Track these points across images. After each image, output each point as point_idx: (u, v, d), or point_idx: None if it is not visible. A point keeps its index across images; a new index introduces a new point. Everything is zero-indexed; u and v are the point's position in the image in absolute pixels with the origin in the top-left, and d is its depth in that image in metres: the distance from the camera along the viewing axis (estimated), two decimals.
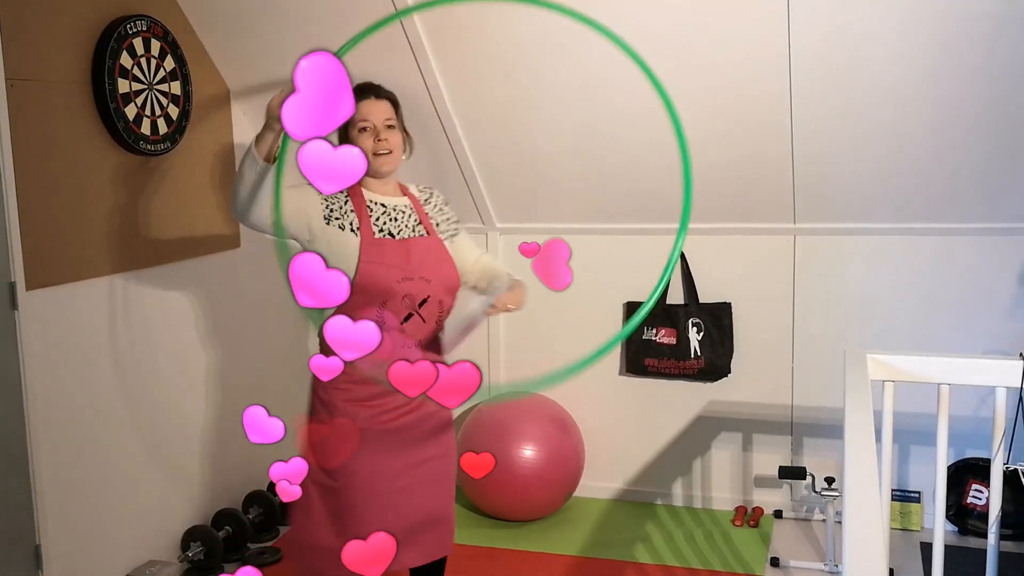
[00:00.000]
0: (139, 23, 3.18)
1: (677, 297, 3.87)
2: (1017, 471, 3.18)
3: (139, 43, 3.19)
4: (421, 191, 2.53)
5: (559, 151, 3.64)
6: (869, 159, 3.37)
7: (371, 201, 2.41)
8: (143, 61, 3.21)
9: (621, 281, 3.93)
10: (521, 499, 3.70)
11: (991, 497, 2.72)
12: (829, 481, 3.37)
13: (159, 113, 3.29)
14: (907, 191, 3.45)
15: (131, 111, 3.16)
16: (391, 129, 2.40)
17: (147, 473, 3.34)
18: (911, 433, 3.60)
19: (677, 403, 3.94)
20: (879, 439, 2.61)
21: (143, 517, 3.33)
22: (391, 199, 2.44)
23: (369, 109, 2.38)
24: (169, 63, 3.34)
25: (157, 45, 3.28)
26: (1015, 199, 3.37)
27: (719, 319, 3.80)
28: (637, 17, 3.10)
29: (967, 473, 3.60)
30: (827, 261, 3.70)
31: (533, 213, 3.94)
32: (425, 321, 2.36)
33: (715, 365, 3.80)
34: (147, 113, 3.23)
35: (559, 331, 4.00)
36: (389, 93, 2.45)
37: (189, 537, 3.40)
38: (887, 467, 2.72)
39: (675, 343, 3.83)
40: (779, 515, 3.84)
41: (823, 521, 3.72)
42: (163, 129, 3.31)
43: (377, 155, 2.38)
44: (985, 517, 3.38)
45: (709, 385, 3.88)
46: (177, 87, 3.39)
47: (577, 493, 3.97)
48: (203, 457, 3.63)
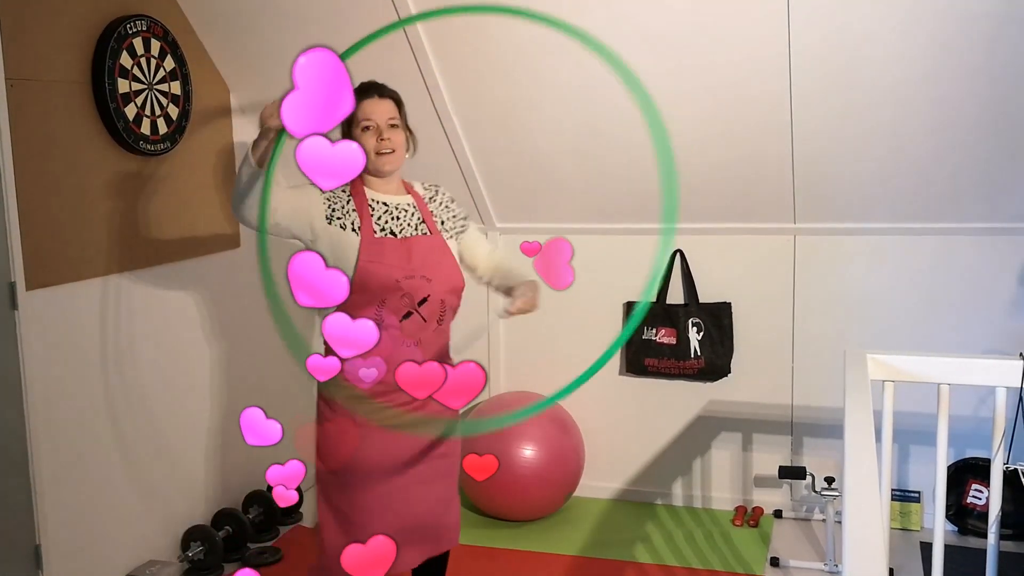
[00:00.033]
0: (139, 23, 3.18)
1: (677, 297, 3.87)
2: (1017, 471, 3.18)
3: (139, 43, 3.19)
4: (426, 189, 2.53)
5: (559, 151, 3.64)
6: (869, 159, 3.37)
7: (373, 200, 2.41)
8: (143, 61, 3.21)
9: (621, 281, 3.93)
10: (521, 499, 3.70)
11: (991, 497, 2.72)
12: (829, 481, 3.37)
13: (159, 113, 3.29)
14: (907, 191, 3.45)
15: (131, 111, 3.16)
16: (394, 128, 2.40)
17: (147, 473, 3.34)
18: (911, 433, 3.60)
19: (677, 403, 3.94)
20: (879, 439, 2.61)
21: (143, 517, 3.33)
22: (394, 198, 2.44)
23: (372, 108, 2.38)
24: (169, 63, 3.34)
25: (157, 45, 3.28)
26: (1015, 199, 3.37)
27: (719, 319, 3.80)
28: (637, 17, 3.10)
29: (967, 473, 3.60)
30: (827, 261, 3.70)
31: (533, 213, 3.94)
32: (426, 320, 2.36)
33: (715, 365, 3.80)
34: (147, 113, 3.23)
35: (559, 331, 4.00)
36: (392, 92, 2.45)
37: (189, 537, 3.40)
38: (887, 467, 2.72)
39: (675, 343, 3.83)
40: (779, 515, 3.84)
41: (823, 521, 3.73)
42: (163, 129, 3.31)
43: (380, 154, 2.38)
44: (985, 517, 3.38)
45: (709, 385, 3.88)
46: (177, 87, 3.39)
47: (577, 493, 3.97)
48: (203, 457, 3.63)
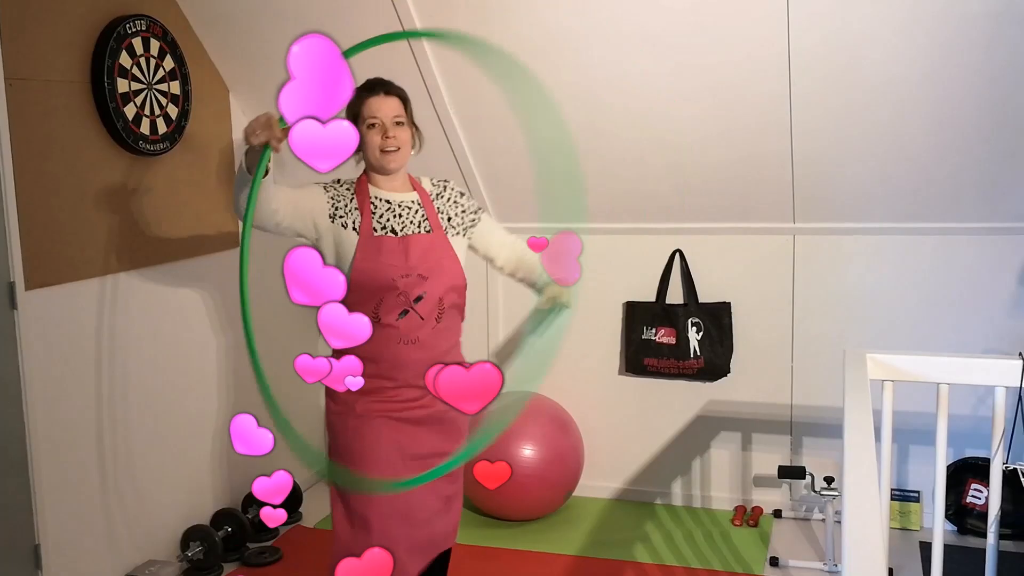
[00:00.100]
0: (138, 23, 3.18)
1: (677, 297, 3.87)
2: (1016, 470, 3.18)
3: (138, 43, 3.19)
4: (435, 185, 2.51)
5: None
6: (869, 159, 3.37)
7: (376, 198, 2.41)
8: (142, 61, 3.21)
9: (621, 281, 3.93)
10: (521, 499, 3.70)
11: (990, 496, 2.72)
12: (828, 481, 3.38)
13: (158, 113, 3.29)
14: (907, 191, 3.45)
15: (130, 111, 3.15)
16: (400, 126, 2.39)
17: (147, 473, 3.34)
18: (910, 432, 3.61)
19: (677, 403, 3.94)
20: (878, 438, 2.61)
21: (143, 517, 3.33)
22: (397, 195, 2.43)
23: (378, 105, 2.37)
24: (168, 63, 3.34)
25: (156, 45, 3.28)
26: (1015, 199, 3.37)
27: (719, 319, 3.80)
28: (637, 17, 3.10)
29: (966, 472, 3.60)
30: (827, 261, 3.70)
31: (533, 212, 3.94)
32: (424, 318, 2.35)
33: (715, 365, 3.80)
34: (146, 113, 3.23)
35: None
36: (399, 89, 2.44)
37: (188, 537, 3.40)
38: (886, 466, 2.72)
39: (675, 343, 3.83)
40: (778, 515, 3.84)
41: (822, 521, 3.73)
42: (162, 129, 3.31)
43: (384, 152, 2.37)
44: (984, 516, 3.38)
45: (709, 385, 3.88)
46: (176, 87, 3.38)
47: (577, 493, 3.97)
48: (203, 457, 3.63)
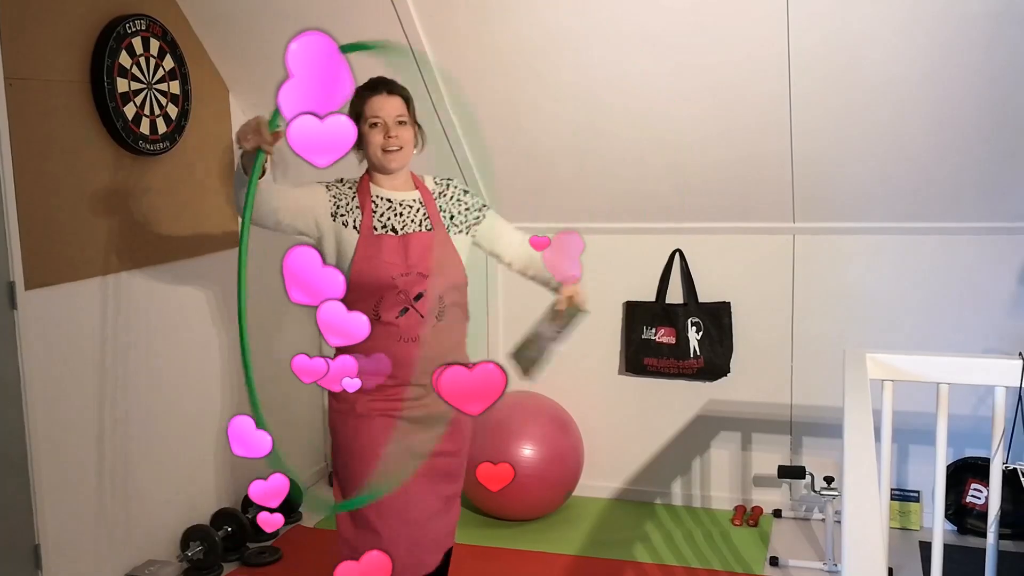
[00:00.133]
0: (138, 22, 3.18)
1: (676, 296, 3.87)
2: (1016, 470, 3.18)
3: (138, 42, 3.18)
4: (438, 183, 2.51)
5: (559, 151, 3.64)
6: (869, 159, 3.37)
7: (376, 196, 2.41)
8: (142, 60, 3.21)
9: (621, 281, 3.93)
10: (521, 498, 3.69)
11: (990, 496, 2.72)
12: (828, 480, 3.38)
13: (158, 112, 3.29)
14: (907, 191, 3.45)
15: (130, 110, 3.15)
16: (402, 125, 2.39)
17: (147, 473, 3.34)
18: (910, 432, 3.61)
19: (676, 402, 3.94)
20: (878, 438, 2.61)
21: (143, 517, 3.33)
22: (399, 194, 2.43)
23: (380, 105, 2.37)
24: (168, 62, 3.34)
25: (156, 44, 3.28)
26: (1015, 199, 3.37)
27: (718, 318, 3.80)
28: (637, 17, 3.10)
29: (966, 472, 3.60)
30: (826, 261, 3.70)
31: (533, 213, 3.93)
32: (423, 317, 2.35)
33: (714, 364, 3.80)
34: (146, 112, 3.23)
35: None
36: (402, 89, 2.44)
37: (188, 536, 3.40)
38: (886, 466, 2.72)
39: (674, 342, 3.83)
40: (778, 514, 3.84)
41: (822, 520, 3.73)
42: (162, 128, 3.31)
43: (387, 152, 2.37)
44: (984, 516, 3.38)
45: (708, 384, 3.88)
46: (176, 86, 3.38)
47: (576, 492, 3.97)
48: (202, 456, 3.63)
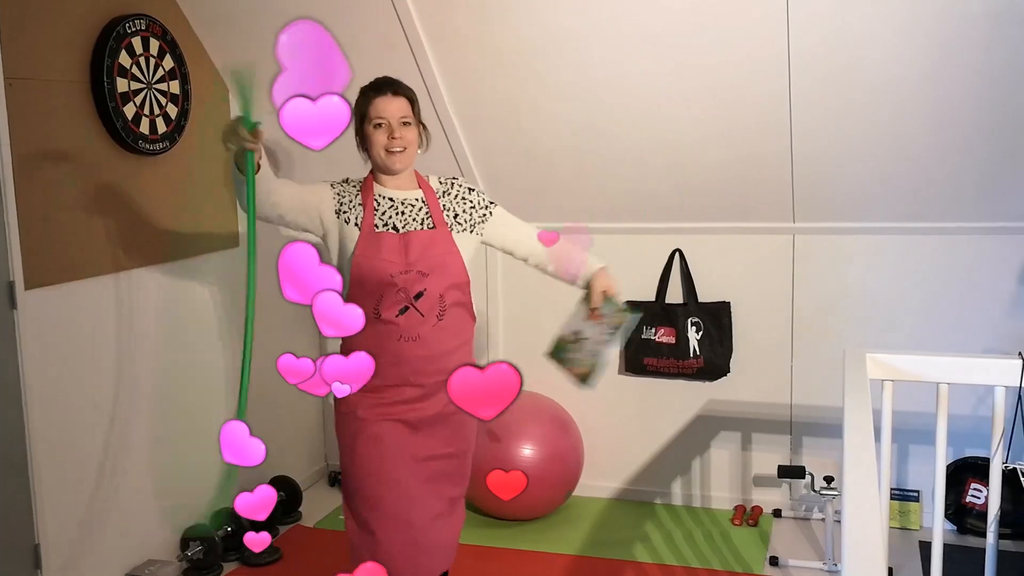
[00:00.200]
0: (138, 22, 3.18)
1: (676, 296, 3.86)
2: (1016, 470, 3.18)
3: (138, 42, 3.18)
4: (442, 183, 2.51)
5: (559, 150, 3.64)
6: (869, 159, 3.37)
7: (379, 195, 2.42)
8: (142, 60, 3.21)
9: (621, 280, 3.91)
10: (521, 498, 3.67)
11: (990, 496, 2.72)
12: (828, 480, 3.38)
13: (158, 112, 3.29)
14: (907, 191, 3.45)
15: (130, 110, 3.15)
16: (406, 126, 2.39)
17: (146, 472, 3.34)
18: (910, 432, 3.61)
19: (676, 402, 3.94)
20: (878, 438, 2.61)
21: (142, 517, 3.32)
22: (401, 192, 2.44)
23: (385, 105, 2.37)
24: (168, 62, 3.34)
25: (156, 44, 3.28)
26: (1015, 199, 3.37)
27: (718, 318, 3.80)
28: (637, 17, 3.10)
29: (966, 472, 3.60)
30: (826, 261, 3.70)
31: (533, 212, 3.91)
32: (424, 316, 2.35)
33: (714, 364, 3.80)
34: (146, 112, 3.23)
35: (558, 329, 3.99)
36: (407, 90, 2.44)
37: (188, 536, 3.40)
38: (886, 466, 2.72)
39: (674, 342, 3.83)
40: (778, 514, 3.84)
41: (822, 520, 3.73)
42: (162, 128, 3.31)
43: (390, 152, 2.38)
44: (984, 516, 3.38)
45: (708, 384, 3.88)
46: (176, 86, 3.38)
47: (576, 492, 3.97)
48: (202, 456, 3.63)
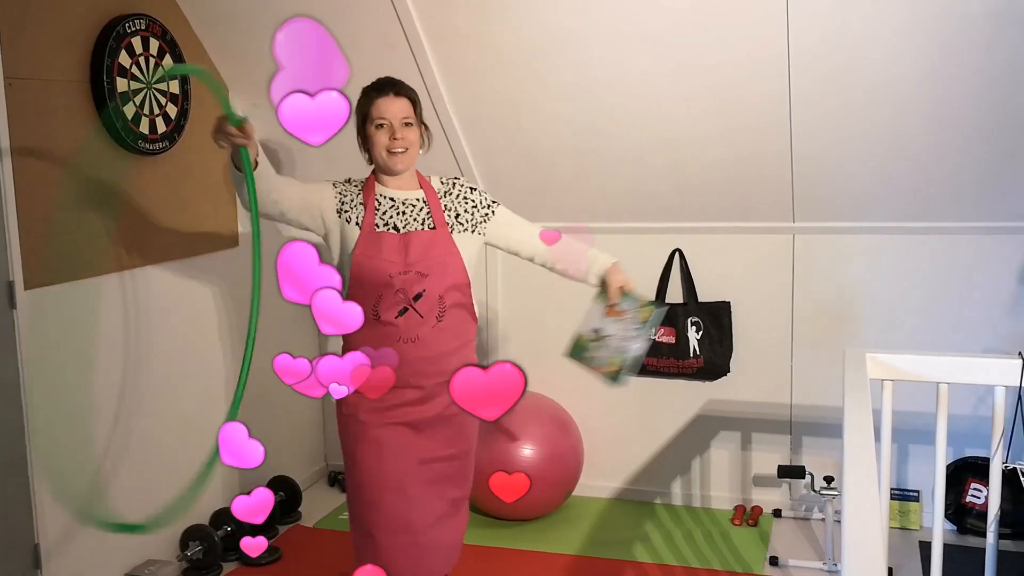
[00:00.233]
0: (138, 22, 3.18)
1: (676, 296, 3.86)
2: (1016, 470, 3.18)
3: (138, 42, 3.18)
4: (444, 183, 2.51)
5: (559, 150, 3.64)
6: (869, 159, 3.37)
7: (380, 195, 2.42)
8: (142, 60, 3.20)
9: None
10: (521, 499, 3.68)
11: (990, 496, 2.73)
12: (828, 480, 3.38)
13: (158, 112, 3.29)
14: (906, 191, 3.45)
15: (130, 110, 3.15)
16: (408, 127, 2.40)
17: (145, 472, 3.34)
18: (910, 432, 3.61)
19: (676, 402, 3.94)
20: (878, 438, 2.61)
21: (142, 517, 3.32)
22: (402, 193, 2.44)
23: (387, 106, 2.38)
24: (168, 62, 3.34)
25: (156, 44, 3.27)
26: (1015, 199, 3.37)
27: (718, 318, 3.80)
28: (637, 17, 3.10)
29: (966, 472, 3.60)
30: (826, 260, 3.70)
31: (533, 213, 3.90)
32: (423, 316, 2.35)
33: (714, 364, 3.80)
34: (146, 112, 3.23)
35: (558, 329, 3.98)
36: (409, 90, 2.45)
37: (188, 536, 3.40)
38: (886, 466, 2.72)
39: (674, 342, 3.83)
40: (778, 514, 3.84)
41: (822, 520, 3.73)
42: (161, 128, 3.31)
43: (392, 153, 2.38)
44: (984, 516, 3.38)
45: (708, 384, 3.88)
46: (176, 86, 3.38)
47: (576, 492, 3.96)
48: (202, 456, 3.62)
